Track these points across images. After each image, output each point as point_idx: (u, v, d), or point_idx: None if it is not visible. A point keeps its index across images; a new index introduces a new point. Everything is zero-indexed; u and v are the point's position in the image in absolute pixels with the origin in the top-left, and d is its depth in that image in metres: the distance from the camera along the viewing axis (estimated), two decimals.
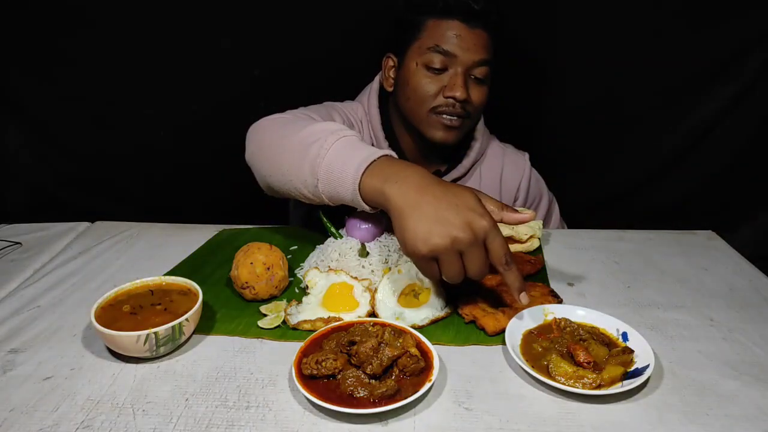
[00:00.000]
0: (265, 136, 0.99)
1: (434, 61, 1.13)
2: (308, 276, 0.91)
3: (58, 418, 0.65)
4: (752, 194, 1.56)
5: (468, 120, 1.20)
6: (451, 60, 1.13)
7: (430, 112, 1.17)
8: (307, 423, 0.64)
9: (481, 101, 1.18)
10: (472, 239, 0.72)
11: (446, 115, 1.16)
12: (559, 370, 0.69)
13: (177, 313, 0.77)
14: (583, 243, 1.14)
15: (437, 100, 1.16)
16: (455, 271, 0.74)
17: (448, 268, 0.74)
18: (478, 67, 1.14)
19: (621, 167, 1.59)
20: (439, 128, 1.18)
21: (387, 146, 1.25)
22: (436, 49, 1.13)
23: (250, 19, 1.42)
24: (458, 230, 0.71)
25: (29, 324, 0.85)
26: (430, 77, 1.15)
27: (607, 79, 1.46)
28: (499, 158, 1.35)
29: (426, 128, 1.20)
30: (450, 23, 1.12)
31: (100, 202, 1.60)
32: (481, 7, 1.11)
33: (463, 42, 1.12)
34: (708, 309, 0.88)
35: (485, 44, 1.14)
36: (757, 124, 1.47)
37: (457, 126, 1.18)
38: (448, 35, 1.12)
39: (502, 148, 1.38)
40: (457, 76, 1.13)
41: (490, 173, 1.34)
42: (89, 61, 1.46)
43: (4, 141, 1.54)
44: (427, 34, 1.14)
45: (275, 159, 0.94)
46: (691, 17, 1.37)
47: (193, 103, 1.51)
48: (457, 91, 1.13)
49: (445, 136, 1.19)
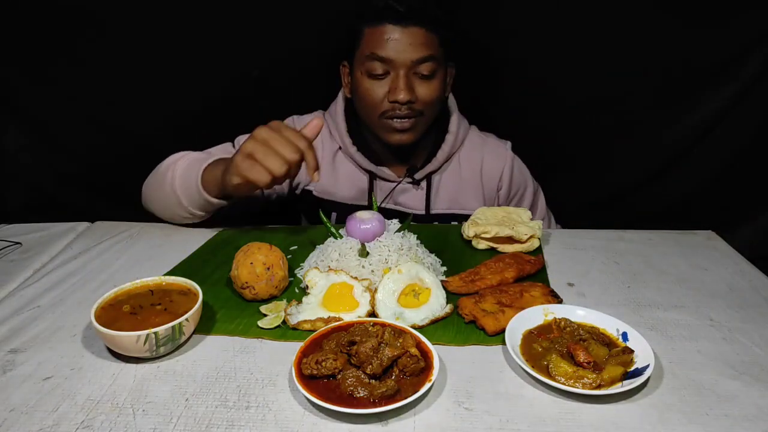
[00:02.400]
0: (144, 191, 1.23)
1: (374, 68, 1.15)
2: (308, 276, 0.91)
3: (58, 418, 0.65)
4: (752, 194, 1.55)
5: (421, 118, 1.20)
6: (390, 64, 1.14)
7: (381, 117, 1.19)
8: (307, 423, 0.64)
9: (431, 97, 1.19)
10: (266, 135, 0.93)
11: (396, 119, 1.18)
12: (559, 370, 0.69)
13: (177, 313, 0.77)
14: (583, 243, 1.14)
15: (384, 105, 1.17)
16: (271, 160, 0.91)
17: (265, 158, 0.91)
18: (421, 64, 1.15)
19: (621, 167, 1.59)
20: (391, 132, 1.20)
21: (355, 151, 1.28)
22: (373, 57, 1.14)
23: (250, 19, 1.42)
24: (255, 135, 0.94)
25: (29, 324, 0.85)
26: (374, 84, 1.17)
27: (606, 79, 1.46)
28: (479, 148, 1.35)
29: (380, 132, 1.22)
30: (382, 28, 1.13)
31: (100, 202, 1.60)
32: (407, 7, 1.11)
33: (398, 44, 1.12)
34: (708, 309, 0.88)
35: (424, 41, 1.14)
36: (757, 124, 1.47)
37: (409, 127, 1.19)
38: (383, 40, 1.13)
39: (482, 138, 1.37)
40: (398, 78, 1.15)
41: (469, 164, 1.34)
42: (89, 62, 1.46)
43: (4, 141, 1.54)
44: (364, 42, 1.17)
45: (154, 201, 1.20)
46: (691, 17, 1.37)
47: (193, 103, 1.51)
48: (400, 94, 1.14)
49: (400, 138, 1.21)
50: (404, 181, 1.31)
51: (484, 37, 1.44)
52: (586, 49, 1.43)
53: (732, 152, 1.51)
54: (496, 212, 1.17)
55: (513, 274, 0.96)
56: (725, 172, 1.53)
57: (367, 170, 1.30)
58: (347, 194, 1.32)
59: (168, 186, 1.12)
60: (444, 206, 1.34)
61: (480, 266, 0.99)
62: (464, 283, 0.94)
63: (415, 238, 1.02)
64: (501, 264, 0.99)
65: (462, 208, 1.34)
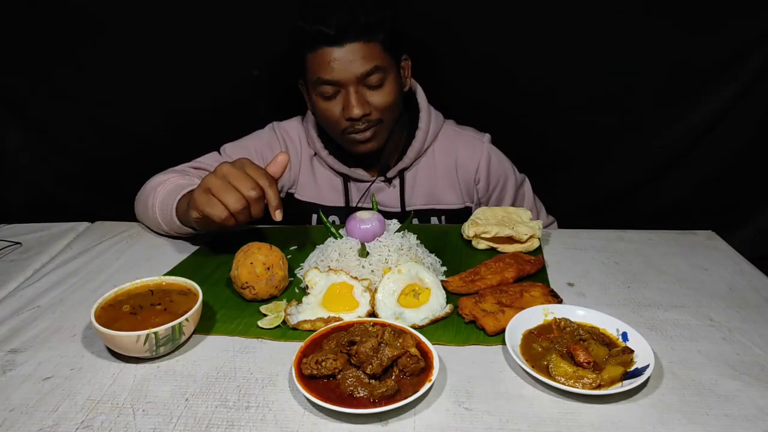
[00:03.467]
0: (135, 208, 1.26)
1: (324, 90, 1.16)
2: (308, 276, 0.91)
3: (58, 418, 0.65)
4: (752, 194, 1.55)
5: (381, 125, 1.21)
6: (338, 84, 1.15)
7: (342, 133, 1.20)
8: (307, 423, 0.64)
9: (385, 103, 1.18)
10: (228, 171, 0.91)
11: (355, 134, 1.19)
12: (559, 370, 0.69)
13: (177, 313, 0.77)
14: (583, 243, 1.14)
15: (342, 123, 1.18)
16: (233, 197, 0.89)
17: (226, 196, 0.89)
18: (367, 77, 1.15)
19: (621, 167, 1.59)
20: (355, 144, 1.22)
21: (326, 155, 1.30)
22: (320, 81, 1.15)
23: (250, 19, 1.42)
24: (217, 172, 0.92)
25: (29, 324, 0.85)
26: (328, 104, 1.18)
27: (606, 79, 1.46)
28: (453, 142, 1.35)
29: (345, 145, 1.25)
30: (321, 52, 1.13)
31: (100, 202, 1.60)
32: (336, 29, 1.10)
33: (339, 64, 1.12)
34: (708, 309, 0.88)
35: (364, 54, 1.13)
36: (757, 124, 1.47)
37: (370, 137, 1.21)
38: (324, 64, 1.13)
39: (457, 131, 1.37)
40: (348, 95, 1.15)
41: (444, 158, 1.34)
42: (89, 62, 1.46)
43: (4, 141, 1.54)
44: (309, 68, 1.17)
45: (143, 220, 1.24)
46: (691, 17, 1.37)
47: (193, 103, 1.51)
48: (353, 111, 1.15)
49: (364, 147, 1.22)
50: (377, 180, 1.32)
51: (484, 38, 1.44)
52: (586, 49, 1.43)
53: (732, 152, 1.50)
54: (496, 212, 1.17)
55: (513, 274, 0.96)
56: (725, 172, 1.53)
57: (340, 173, 1.32)
58: (326, 196, 1.35)
59: (150, 211, 1.16)
60: (421, 202, 1.34)
61: (480, 266, 0.99)
62: (464, 283, 0.94)
63: (415, 238, 1.03)
64: (501, 264, 0.99)
65: (439, 202, 1.35)
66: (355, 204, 1.34)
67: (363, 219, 0.98)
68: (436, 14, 1.41)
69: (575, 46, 1.43)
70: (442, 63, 1.48)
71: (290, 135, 1.35)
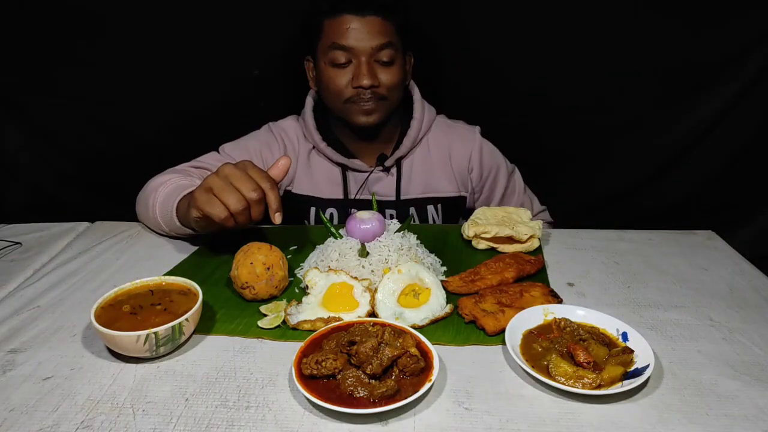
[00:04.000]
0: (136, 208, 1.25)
1: (337, 57, 1.20)
2: (308, 276, 0.91)
3: (58, 418, 0.65)
4: (752, 194, 1.55)
5: (385, 101, 1.25)
6: (352, 52, 1.19)
7: (346, 102, 1.24)
8: (307, 423, 0.64)
9: (392, 82, 1.23)
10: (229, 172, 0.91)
11: (361, 103, 1.23)
12: (559, 370, 0.69)
13: (177, 313, 0.77)
14: (583, 243, 1.14)
15: (349, 92, 1.22)
16: (233, 198, 0.89)
17: (227, 196, 0.89)
18: (380, 51, 1.20)
19: (621, 167, 1.59)
20: (358, 114, 1.25)
21: (325, 146, 1.32)
22: (335, 47, 1.20)
23: (249, 19, 1.42)
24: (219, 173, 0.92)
25: (29, 324, 0.85)
26: (338, 72, 1.22)
27: (606, 79, 1.46)
28: (446, 134, 1.39)
29: (348, 116, 1.27)
30: (341, 19, 1.18)
31: (100, 202, 1.60)
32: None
33: (357, 33, 1.18)
34: (708, 309, 0.88)
35: (381, 29, 1.19)
36: (757, 124, 1.47)
37: (374, 108, 1.24)
38: (342, 30, 1.18)
39: (450, 124, 1.41)
40: (360, 65, 1.20)
41: (438, 149, 1.38)
42: (89, 62, 1.46)
43: (4, 141, 1.54)
44: (325, 34, 1.21)
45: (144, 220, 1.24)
46: (691, 17, 1.37)
47: (193, 103, 1.51)
48: (363, 80, 1.19)
49: (366, 119, 1.25)
50: (376, 169, 1.34)
51: (484, 39, 1.44)
52: (586, 49, 1.43)
53: (732, 152, 1.50)
54: (496, 212, 1.17)
55: (513, 274, 0.96)
56: (725, 172, 1.53)
57: (338, 163, 1.34)
58: (323, 189, 1.37)
59: (150, 211, 1.16)
60: (418, 191, 1.37)
61: (480, 266, 0.99)
62: (464, 283, 0.94)
63: (415, 238, 1.03)
64: (501, 264, 0.99)
65: (435, 191, 1.38)
66: (353, 195, 1.36)
67: (363, 219, 0.98)
68: (436, 13, 1.41)
69: (575, 47, 1.43)
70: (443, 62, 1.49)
71: (287, 133, 1.37)
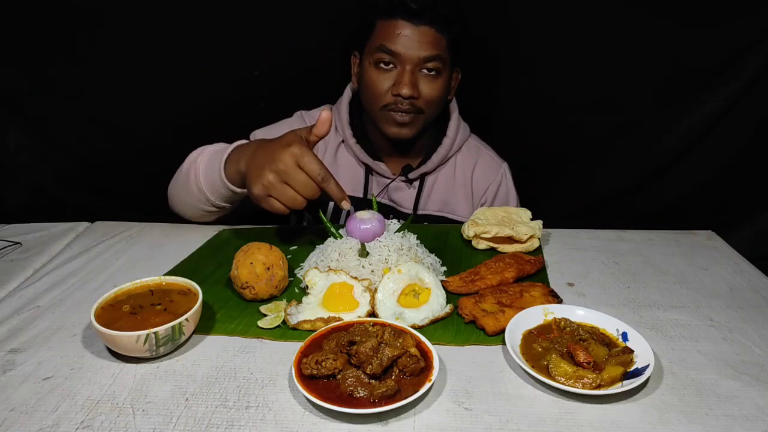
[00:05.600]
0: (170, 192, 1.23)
1: (382, 59, 1.18)
2: (308, 276, 0.91)
3: (58, 418, 0.65)
4: (752, 194, 1.56)
5: (421, 115, 1.23)
6: (398, 58, 1.17)
7: (383, 108, 1.22)
8: (307, 423, 0.64)
9: (433, 96, 1.21)
10: (284, 168, 0.89)
11: (397, 113, 1.21)
12: (559, 370, 0.69)
13: (177, 313, 0.77)
14: (583, 243, 1.14)
15: (387, 98, 1.20)
16: (288, 197, 0.90)
17: (282, 196, 0.90)
18: (428, 62, 1.17)
19: (621, 167, 1.59)
20: (391, 124, 1.23)
21: (354, 143, 1.31)
22: (382, 49, 1.17)
23: (251, 19, 1.42)
24: (273, 166, 0.89)
25: (29, 324, 0.85)
26: (380, 75, 1.20)
27: (607, 79, 1.46)
28: (474, 155, 1.38)
29: (381, 123, 1.25)
30: (394, 23, 1.16)
31: (100, 202, 1.60)
32: (420, 5, 1.14)
33: (407, 40, 1.15)
34: (708, 309, 0.88)
35: (432, 40, 1.16)
36: (757, 124, 1.47)
37: (408, 122, 1.22)
38: (393, 34, 1.16)
39: (478, 147, 1.40)
40: (404, 73, 1.17)
41: (463, 170, 1.37)
42: (89, 62, 1.46)
43: (4, 141, 1.54)
44: (375, 34, 1.19)
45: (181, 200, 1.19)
46: (692, 17, 1.37)
47: (194, 103, 1.51)
48: (404, 89, 1.17)
49: (398, 131, 1.23)
50: (398, 179, 1.33)
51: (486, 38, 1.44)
52: (586, 49, 1.43)
53: (732, 152, 1.51)
54: (496, 212, 1.17)
55: (513, 274, 0.96)
56: (725, 172, 1.53)
57: (364, 163, 1.33)
58: (345, 186, 1.33)
59: (193, 184, 1.12)
60: (435, 207, 1.36)
61: (480, 266, 0.99)
62: (464, 283, 0.94)
63: (415, 238, 1.03)
64: (501, 264, 0.99)
65: (452, 212, 1.37)
66: (376, 197, 1.33)
67: (363, 219, 0.98)
68: None
69: (575, 47, 1.43)
70: None
71: None
